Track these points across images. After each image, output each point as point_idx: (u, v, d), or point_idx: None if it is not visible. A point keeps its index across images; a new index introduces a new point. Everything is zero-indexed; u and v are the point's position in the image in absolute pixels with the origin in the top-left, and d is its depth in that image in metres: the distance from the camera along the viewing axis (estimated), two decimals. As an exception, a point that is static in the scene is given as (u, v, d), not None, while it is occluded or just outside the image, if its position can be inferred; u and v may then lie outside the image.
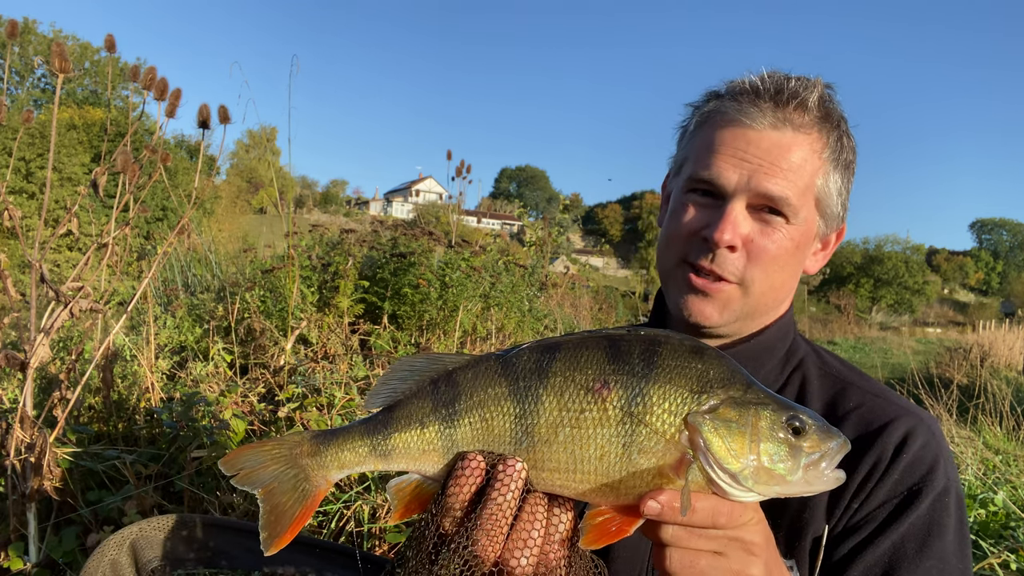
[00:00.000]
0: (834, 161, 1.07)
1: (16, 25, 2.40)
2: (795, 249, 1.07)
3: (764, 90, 1.04)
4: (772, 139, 1.02)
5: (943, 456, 1.04)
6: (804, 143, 1.03)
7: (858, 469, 1.02)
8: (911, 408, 1.08)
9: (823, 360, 1.17)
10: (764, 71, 1.07)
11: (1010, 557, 2.72)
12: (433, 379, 0.85)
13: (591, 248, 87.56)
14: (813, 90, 1.04)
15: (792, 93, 1.03)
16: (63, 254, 21.06)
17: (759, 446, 0.75)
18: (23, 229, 2.43)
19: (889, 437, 1.03)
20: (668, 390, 0.78)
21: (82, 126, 27.81)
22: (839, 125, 1.08)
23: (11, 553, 2.43)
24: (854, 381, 1.12)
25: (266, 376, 4.12)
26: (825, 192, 1.07)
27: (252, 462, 0.86)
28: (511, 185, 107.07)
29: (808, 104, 1.03)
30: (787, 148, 1.02)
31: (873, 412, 1.07)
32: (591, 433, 0.78)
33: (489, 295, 5.98)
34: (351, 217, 52.01)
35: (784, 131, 1.02)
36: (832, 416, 1.07)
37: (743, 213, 1.04)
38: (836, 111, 1.08)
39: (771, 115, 1.02)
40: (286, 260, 4.71)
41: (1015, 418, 5.43)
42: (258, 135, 53.42)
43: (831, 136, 1.06)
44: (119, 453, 2.94)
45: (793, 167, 1.02)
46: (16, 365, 2.31)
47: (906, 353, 18.34)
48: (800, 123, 1.03)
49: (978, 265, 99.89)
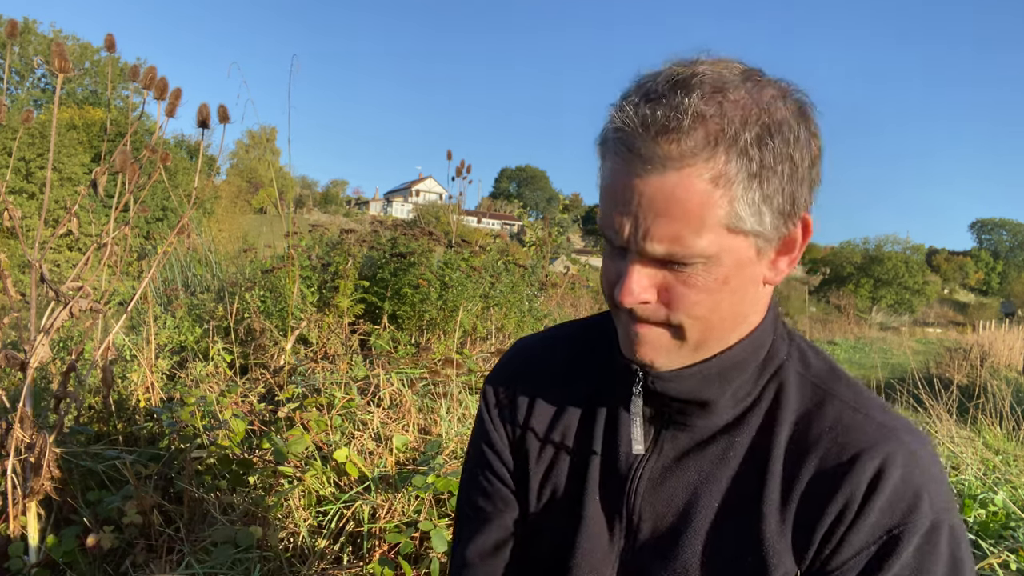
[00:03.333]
0: (744, 179, 0.86)
1: (16, 25, 2.40)
2: (723, 282, 0.91)
3: (636, 124, 0.85)
4: (654, 185, 0.85)
5: (927, 487, 0.91)
6: (691, 178, 0.84)
7: (827, 510, 0.90)
8: (893, 426, 0.95)
9: (806, 363, 1.04)
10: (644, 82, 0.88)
11: (1010, 557, 2.72)
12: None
13: (591, 248, 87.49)
14: (685, 108, 0.83)
15: (660, 127, 0.83)
16: (63, 254, 21.07)
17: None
18: (23, 229, 2.43)
19: (863, 470, 0.90)
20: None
21: (82, 126, 27.83)
22: (744, 126, 0.85)
23: (11, 553, 2.43)
24: (835, 391, 0.99)
25: (266, 376, 4.12)
26: (738, 216, 0.88)
27: None
28: (511, 185, 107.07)
29: (683, 128, 0.83)
30: (670, 192, 0.84)
31: (848, 435, 0.94)
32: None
33: (489, 295, 5.98)
34: (351, 217, 52.03)
35: (666, 173, 0.84)
36: (803, 439, 0.96)
37: (644, 271, 0.90)
38: (737, 106, 0.85)
39: (650, 152, 0.84)
40: (286, 260, 4.71)
41: (1015, 418, 5.43)
42: (258, 135, 53.44)
43: (730, 151, 0.85)
44: (119, 453, 2.94)
45: (686, 212, 0.85)
46: (16, 365, 2.31)
47: (906, 353, 18.32)
48: (679, 154, 0.83)
49: (978, 265, 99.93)
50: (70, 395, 2.53)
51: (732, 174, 0.86)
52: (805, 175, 0.93)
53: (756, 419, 1.00)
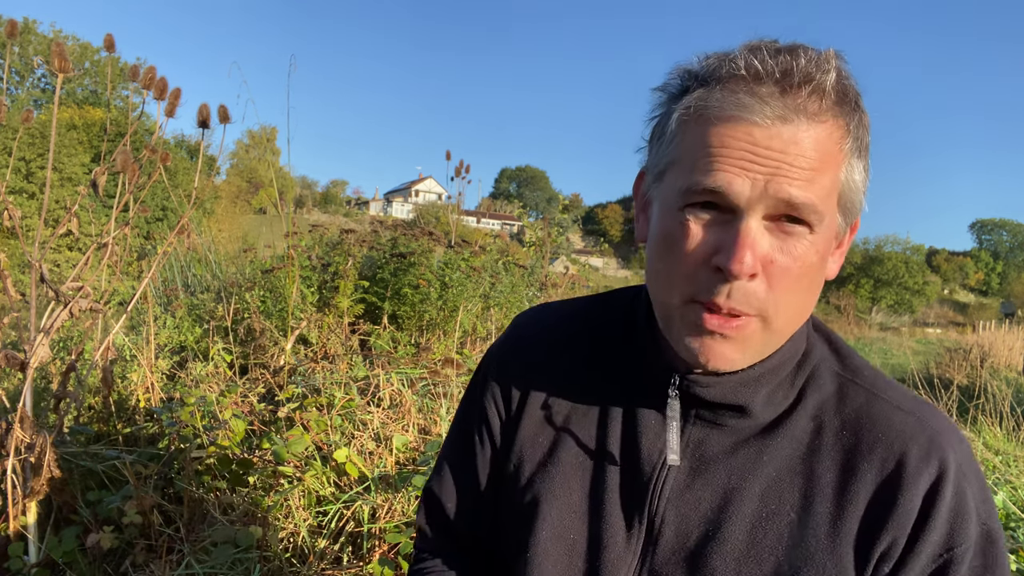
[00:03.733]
0: (856, 149, 0.88)
1: (16, 25, 2.40)
2: (820, 261, 0.88)
3: (766, 73, 0.83)
4: (785, 135, 0.82)
5: (976, 495, 0.89)
6: (823, 134, 0.84)
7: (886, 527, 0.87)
8: (940, 428, 0.92)
9: (843, 361, 1.00)
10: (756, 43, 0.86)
11: (1010, 557, 2.72)
12: None
13: (591, 248, 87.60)
14: (829, 69, 0.83)
15: (805, 76, 0.82)
16: (63, 254, 21.07)
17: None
18: (23, 229, 2.43)
19: (919, 483, 0.87)
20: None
21: (82, 126, 27.85)
22: (857, 104, 0.87)
23: (11, 553, 2.43)
24: (877, 390, 0.95)
25: (266, 376, 4.13)
26: (849, 186, 0.89)
27: None
28: (511, 185, 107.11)
29: (825, 87, 0.83)
30: (804, 143, 0.83)
31: (903, 442, 0.90)
32: None
33: (489, 295, 5.98)
34: (351, 217, 52.04)
35: (798, 123, 0.82)
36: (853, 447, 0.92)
37: (760, 230, 0.84)
38: (852, 88, 0.87)
39: (779, 105, 0.82)
40: (286, 260, 4.71)
41: (1015, 419, 5.43)
42: (258, 135, 53.43)
43: (851, 120, 0.86)
44: (119, 453, 2.94)
45: (815, 165, 0.83)
46: (16, 365, 2.31)
47: (906, 353, 18.32)
48: (815, 111, 0.83)
49: (978, 266, 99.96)
50: (70, 395, 2.53)
51: (853, 144, 0.87)
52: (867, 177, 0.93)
53: (795, 423, 0.94)
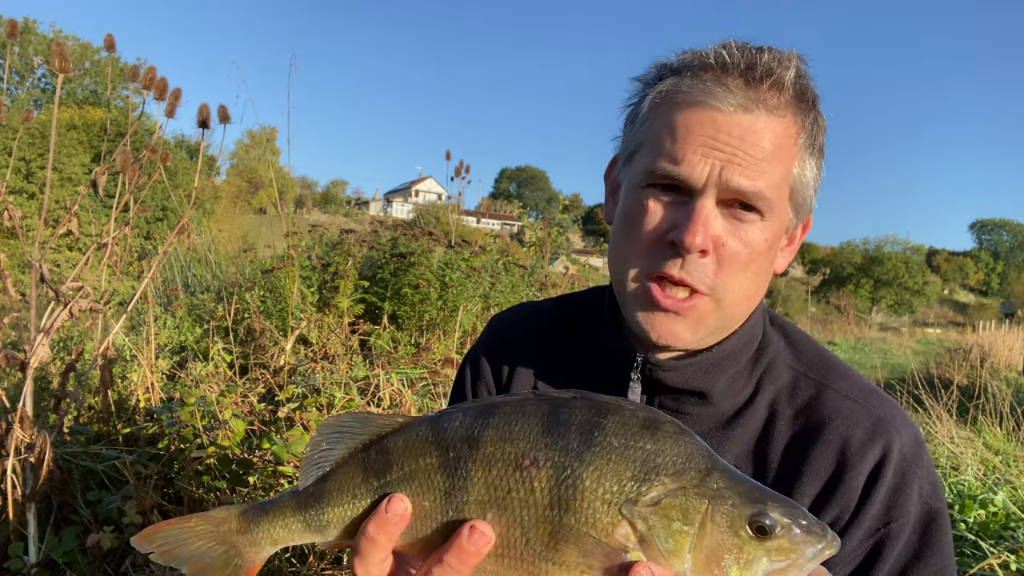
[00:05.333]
0: (809, 147, 0.94)
1: (16, 25, 2.40)
2: (767, 249, 0.94)
3: (732, 65, 0.89)
4: (744, 124, 0.88)
5: (920, 477, 0.94)
6: (779, 127, 0.90)
7: (830, 503, 0.93)
8: (889, 417, 0.97)
9: (798, 355, 1.05)
10: (729, 41, 0.93)
11: (1010, 558, 2.72)
12: (365, 444, 0.77)
13: (591, 248, 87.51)
14: (789, 66, 0.90)
15: (766, 70, 0.89)
16: (63, 254, 21.06)
17: (707, 548, 0.65)
18: (23, 229, 2.43)
19: (863, 465, 0.93)
20: (605, 474, 0.67)
21: (82, 126, 27.84)
22: (814, 104, 0.95)
23: (11, 553, 2.43)
24: (829, 381, 1.01)
25: (266, 376, 4.12)
26: (800, 182, 0.95)
27: (173, 539, 0.78)
28: (511, 185, 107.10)
29: (784, 83, 0.89)
30: (761, 134, 0.88)
31: (848, 429, 0.95)
32: (517, 516, 0.69)
33: (489, 295, 5.98)
34: (351, 217, 52.01)
35: (757, 114, 0.88)
36: (802, 434, 0.96)
37: (714, 211, 0.90)
38: (811, 89, 0.94)
39: (742, 95, 0.88)
40: (286, 260, 4.71)
41: (1015, 419, 5.43)
42: (258, 135, 53.41)
43: (807, 119, 0.93)
44: (119, 453, 2.94)
45: (768, 156, 0.89)
46: (16, 365, 2.31)
47: (906, 353, 18.33)
48: (774, 104, 0.89)
49: (978, 266, 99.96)
50: (70, 395, 2.53)
51: (807, 141, 0.94)
52: (819, 176, 1.00)
53: (753, 413, 0.99)
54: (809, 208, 1.00)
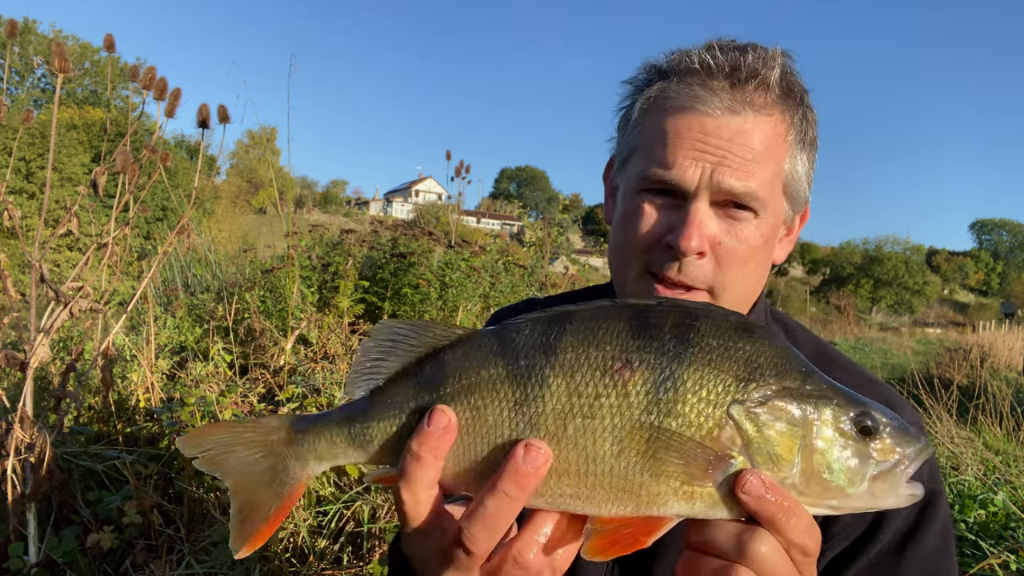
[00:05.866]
0: (800, 141, 0.96)
1: (16, 25, 2.40)
2: (764, 244, 0.96)
3: (717, 68, 0.90)
4: (732, 126, 0.90)
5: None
6: (767, 126, 0.92)
7: None
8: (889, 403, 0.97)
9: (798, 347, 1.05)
10: (713, 42, 0.95)
11: (1010, 558, 2.72)
12: (420, 356, 0.72)
13: (591, 248, 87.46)
14: (774, 65, 0.92)
15: (751, 71, 0.90)
16: (63, 254, 21.05)
17: (815, 450, 0.62)
18: (23, 229, 2.43)
19: None
20: (707, 375, 0.63)
21: (82, 126, 27.84)
22: (802, 100, 0.96)
23: (11, 553, 2.43)
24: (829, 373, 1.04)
25: (266, 376, 4.12)
26: (792, 176, 0.97)
27: (221, 444, 0.72)
28: (511, 185, 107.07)
29: (770, 83, 0.91)
30: (749, 134, 0.90)
31: None
32: (608, 425, 0.63)
33: (489, 295, 5.98)
34: (351, 217, 52.02)
35: (744, 115, 0.90)
36: None
37: (708, 213, 0.92)
38: (798, 84, 0.96)
39: (728, 97, 0.90)
40: (286, 260, 4.71)
41: (1015, 419, 5.43)
42: (258, 135, 53.40)
43: (795, 115, 0.95)
44: (119, 453, 2.94)
45: (758, 156, 0.91)
46: (16, 365, 2.31)
47: (906, 353, 18.31)
48: (761, 104, 0.91)
49: (978, 266, 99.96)
50: (70, 395, 2.53)
51: (797, 136, 0.96)
52: (812, 168, 1.01)
53: None
54: (805, 199, 1.02)
